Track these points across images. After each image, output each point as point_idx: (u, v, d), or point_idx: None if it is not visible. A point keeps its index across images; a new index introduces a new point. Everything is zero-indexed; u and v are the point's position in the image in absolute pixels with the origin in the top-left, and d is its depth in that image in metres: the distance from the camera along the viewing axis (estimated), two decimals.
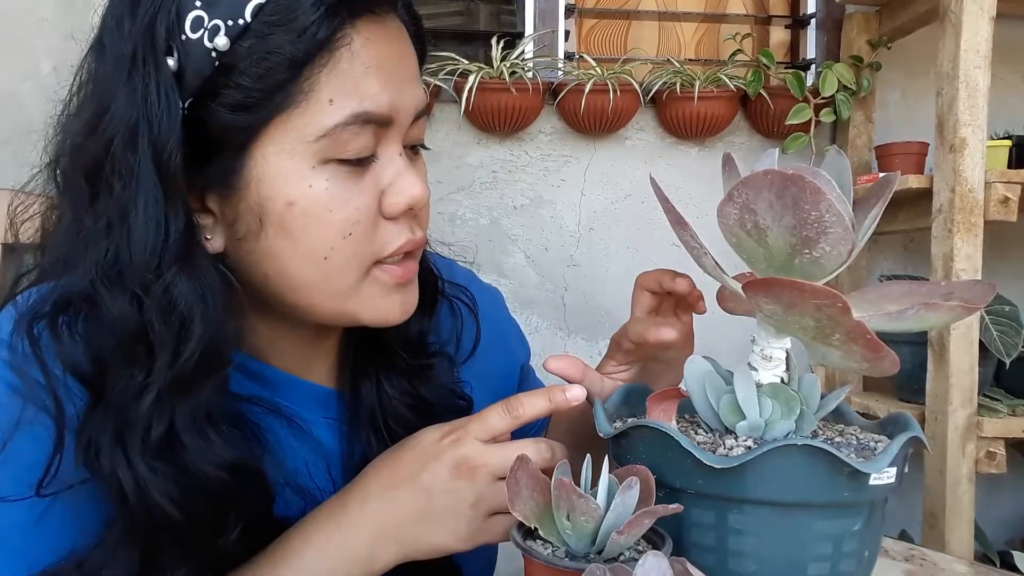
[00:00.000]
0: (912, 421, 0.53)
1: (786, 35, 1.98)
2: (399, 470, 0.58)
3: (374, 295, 0.59)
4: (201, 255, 0.54)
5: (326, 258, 0.56)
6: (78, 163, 0.54)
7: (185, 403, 0.53)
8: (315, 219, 0.54)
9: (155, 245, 0.52)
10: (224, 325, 0.54)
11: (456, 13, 1.92)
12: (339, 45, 0.52)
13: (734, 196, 0.45)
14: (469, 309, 0.76)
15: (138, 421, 0.51)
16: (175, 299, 0.52)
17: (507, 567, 0.78)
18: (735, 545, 0.48)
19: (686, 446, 0.47)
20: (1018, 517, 1.87)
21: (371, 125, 0.55)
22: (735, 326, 0.67)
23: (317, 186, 0.54)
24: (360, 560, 0.56)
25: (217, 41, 0.51)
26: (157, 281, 0.51)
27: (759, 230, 0.46)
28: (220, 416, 0.55)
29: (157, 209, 0.51)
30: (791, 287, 0.45)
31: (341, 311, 0.59)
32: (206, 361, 0.53)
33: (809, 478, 0.47)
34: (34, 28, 1.54)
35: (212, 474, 0.53)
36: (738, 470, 0.46)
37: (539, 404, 0.59)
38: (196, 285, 0.53)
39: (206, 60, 0.51)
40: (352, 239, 0.56)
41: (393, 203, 0.57)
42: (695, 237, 0.50)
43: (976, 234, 1.42)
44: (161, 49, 0.51)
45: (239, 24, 0.51)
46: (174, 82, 0.52)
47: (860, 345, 0.46)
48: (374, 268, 0.58)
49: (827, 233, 0.44)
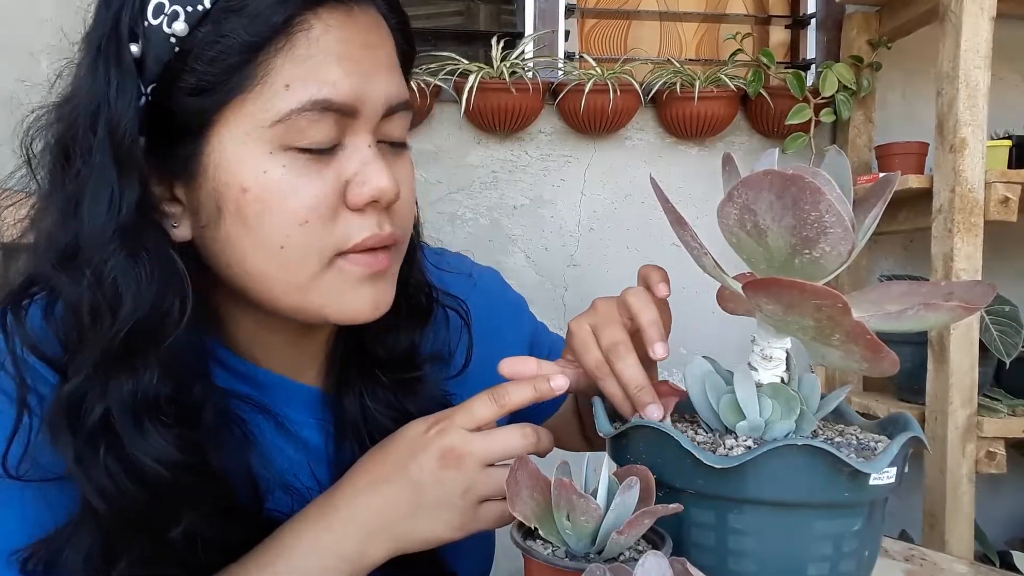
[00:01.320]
0: (912, 421, 0.53)
1: (786, 35, 1.98)
2: (387, 465, 0.58)
3: (339, 289, 0.57)
4: (155, 238, 0.55)
5: (282, 247, 0.54)
6: (48, 145, 0.56)
7: (119, 386, 0.52)
8: (269, 207, 0.54)
9: (106, 221, 0.52)
10: (162, 308, 0.54)
11: (456, 13, 1.92)
12: (296, 31, 0.52)
13: (734, 196, 0.45)
14: (463, 320, 0.74)
15: (74, 402, 0.52)
16: (110, 273, 0.52)
17: (507, 567, 0.78)
18: (735, 545, 0.48)
19: (686, 446, 0.48)
20: (1018, 517, 1.87)
21: (332, 113, 0.54)
22: (735, 326, 0.67)
23: (272, 172, 0.53)
24: (351, 557, 0.56)
25: (176, 27, 0.52)
26: (98, 256, 0.52)
27: (759, 230, 0.46)
28: (170, 410, 0.54)
29: (111, 187, 0.52)
30: (791, 287, 0.45)
31: (303, 305, 0.57)
32: (138, 340, 0.52)
33: (809, 478, 0.47)
34: (34, 28, 1.54)
35: (149, 467, 0.52)
36: (738, 470, 0.46)
37: (525, 392, 0.59)
38: (134, 262, 0.53)
39: (166, 46, 0.52)
40: (308, 228, 0.54)
41: (356, 194, 0.55)
42: (695, 237, 0.50)
43: (976, 234, 1.42)
44: (124, 36, 0.52)
45: (198, 10, 0.52)
46: (134, 67, 0.53)
47: (860, 345, 0.46)
48: (338, 259, 0.56)
49: (827, 233, 0.44)
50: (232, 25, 0.51)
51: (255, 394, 0.63)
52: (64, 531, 0.53)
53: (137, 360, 0.53)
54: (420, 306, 0.69)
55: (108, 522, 0.52)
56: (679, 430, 0.50)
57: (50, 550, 0.52)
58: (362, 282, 0.57)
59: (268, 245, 0.54)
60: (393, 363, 0.67)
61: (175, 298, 0.54)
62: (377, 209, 0.57)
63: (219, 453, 0.57)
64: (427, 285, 0.71)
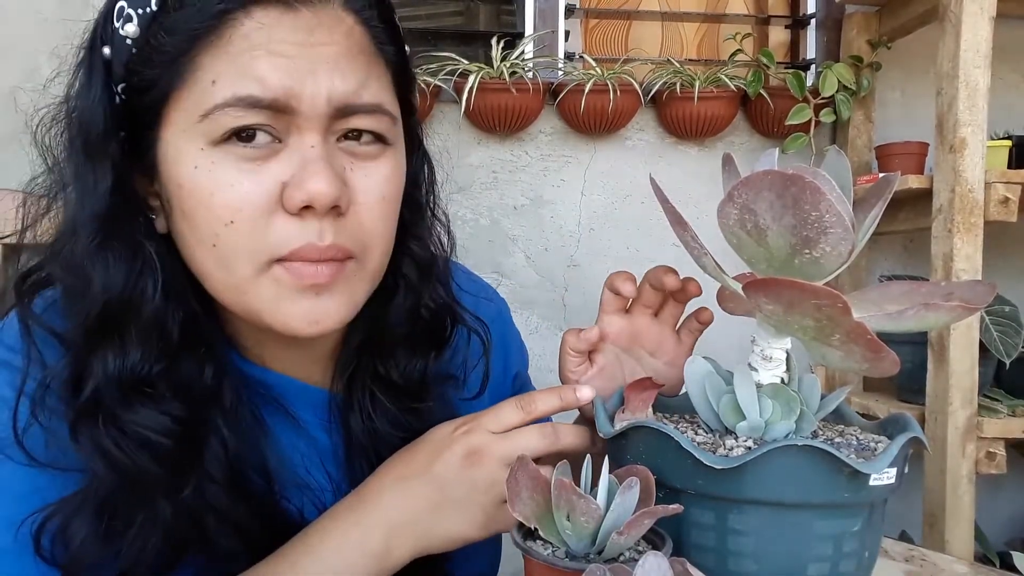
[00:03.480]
0: (912, 421, 0.53)
1: (786, 35, 1.98)
2: (413, 463, 0.60)
3: (274, 297, 0.55)
4: (128, 225, 0.57)
5: (214, 245, 0.54)
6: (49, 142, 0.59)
7: (101, 361, 0.55)
8: (198, 203, 0.54)
9: (78, 208, 0.56)
10: (133, 287, 0.56)
11: (456, 13, 1.92)
12: (227, 27, 0.53)
13: (734, 196, 0.45)
14: (483, 346, 0.72)
15: (66, 377, 0.55)
16: (77, 258, 0.55)
17: (507, 567, 0.78)
18: (735, 545, 0.48)
19: (686, 446, 0.47)
20: (1018, 518, 1.87)
21: (262, 111, 0.52)
22: (735, 326, 0.67)
23: (202, 168, 0.53)
24: (378, 554, 0.57)
25: (128, 28, 0.54)
26: (73, 240, 0.56)
27: (759, 230, 0.46)
28: (163, 385, 0.56)
29: (84, 177, 0.56)
30: (791, 287, 0.45)
31: (244, 307, 0.56)
32: (112, 317, 0.55)
33: (809, 478, 0.47)
34: (34, 28, 1.54)
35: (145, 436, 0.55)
36: (738, 470, 0.46)
37: (551, 402, 0.61)
38: (100, 248, 0.55)
39: (124, 47, 0.55)
40: (235, 228, 0.53)
41: (288, 196, 0.53)
42: (695, 237, 0.50)
43: (976, 234, 1.42)
44: (99, 40, 0.56)
45: (147, 12, 0.54)
46: (103, 69, 0.56)
47: (860, 345, 0.46)
48: (275, 265, 0.54)
49: (827, 233, 0.44)
50: (171, 23, 0.53)
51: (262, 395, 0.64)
52: (70, 501, 0.54)
53: (115, 337, 0.55)
54: (435, 331, 0.68)
55: (117, 487, 0.54)
56: (679, 430, 0.50)
57: (57, 520, 0.54)
58: (300, 293, 0.55)
59: (204, 242, 0.55)
60: (402, 388, 0.66)
61: (147, 280, 0.56)
62: (317, 216, 0.54)
63: (234, 435, 0.59)
64: (450, 308, 0.69)
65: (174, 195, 0.55)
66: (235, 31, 0.52)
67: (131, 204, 0.58)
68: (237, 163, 0.53)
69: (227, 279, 0.56)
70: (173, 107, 0.54)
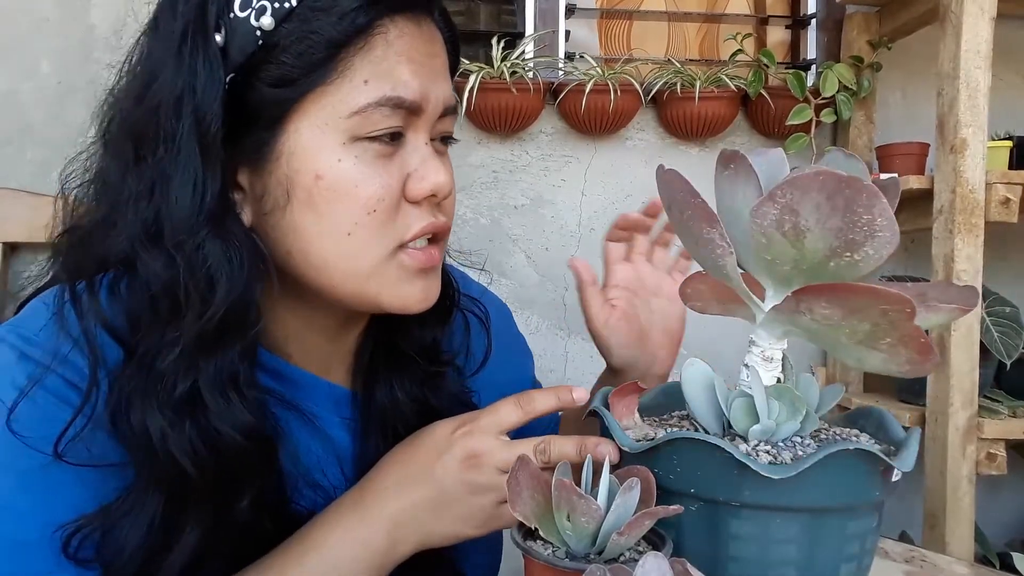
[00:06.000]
0: (884, 413, 0.54)
1: (786, 35, 1.98)
2: (413, 463, 0.61)
3: (396, 279, 0.61)
4: (234, 221, 0.57)
5: (349, 234, 0.58)
6: (125, 129, 0.58)
7: (209, 362, 0.55)
8: (341, 194, 0.57)
9: (191, 206, 0.55)
10: (250, 290, 0.57)
11: (456, 13, 1.92)
12: (375, 33, 0.57)
13: (776, 196, 0.44)
14: (481, 322, 0.78)
15: (165, 376, 0.54)
16: (204, 258, 0.55)
17: (507, 567, 0.78)
18: (777, 555, 0.47)
19: (740, 458, 0.46)
20: (1018, 519, 1.87)
21: (401, 110, 0.58)
22: (735, 326, 0.67)
23: (346, 161, 0.57)
24: (381, 549, 0.58)
25: (263, 20, 0.55)
26: (189, 240, 0.54)
27: (797, 231, 0.44)
28: (244, 383, 0.57)
29: (196, 173, 0.55)
30: (861, 292, 0.43)
31: (361, 293, 0.60)
32: (230, 322, 0.56)
33: (853, 480, 0.47)
34: (34, 28, 1.53)
35: (228, 436, 0.55)
36: (792, 478, 0.45)
37: (549, 401, 0.62)
38: (225, 247, 0.55)
39: (251, 38, 0.55)
40: (375, 217, 0.58)
41: (416, 188, 0.60)
42: (723, 235, 0.48)
43: (977, 235, 1.42)
44: (211, 25, 0.55)
45: (285, 7, 0.55)
46: (220, 56, 0.55)
47: (911, 348, 0.45)
48: (398, 252, 0.60)
49: (875, 237, 0.43)
50: (320, 23, 0.55)
51: (285, 391, 0.65)
52: (121, 505, 0.54)
53: (228, 340, 0.56)
54: (443, 304, 0.71)
55: (175, 493, 0.54)
56: None
57: (104, 525, 0.53)
58: (417, 275, 0.62)
59: (336, 232, 0.58)
60: (420, 355, 0.70)
61: (262, 280, 0.58)
62: (432, 203, 0.62)
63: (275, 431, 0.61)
64: (451, 287, 0.73)
65: (301, 187, 0.57)
66: (382, 37, 0.57)
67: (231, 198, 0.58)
68: (375, 157, 0.58)
69: (354, 267, 0.59)
70: (313, 101, 0.56)
